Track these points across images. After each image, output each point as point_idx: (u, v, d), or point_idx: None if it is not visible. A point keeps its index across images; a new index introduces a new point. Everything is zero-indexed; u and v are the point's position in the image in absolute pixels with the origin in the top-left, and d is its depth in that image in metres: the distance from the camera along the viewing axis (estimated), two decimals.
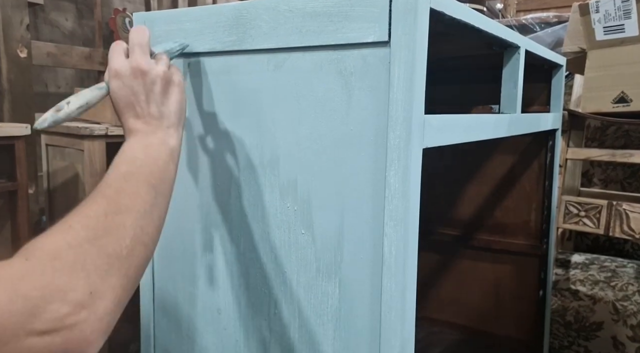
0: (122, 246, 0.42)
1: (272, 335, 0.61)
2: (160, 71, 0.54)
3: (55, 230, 0.41)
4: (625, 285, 1.30)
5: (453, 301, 1.29)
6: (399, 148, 0.49)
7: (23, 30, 1.79)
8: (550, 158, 1.12)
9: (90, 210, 0.43)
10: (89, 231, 0.41)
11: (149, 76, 0.53)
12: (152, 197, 0.48)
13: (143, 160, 0.50)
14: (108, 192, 0.46)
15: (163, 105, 0.54)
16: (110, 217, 0.43)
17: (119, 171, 0.49)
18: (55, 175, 1.80)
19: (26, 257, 0.37)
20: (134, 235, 0.44)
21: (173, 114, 0.54)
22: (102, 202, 0.45)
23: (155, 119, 0.53)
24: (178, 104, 0.55)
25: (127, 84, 0.53)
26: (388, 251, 0.51)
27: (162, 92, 0.54)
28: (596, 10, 1.18)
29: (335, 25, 0.52)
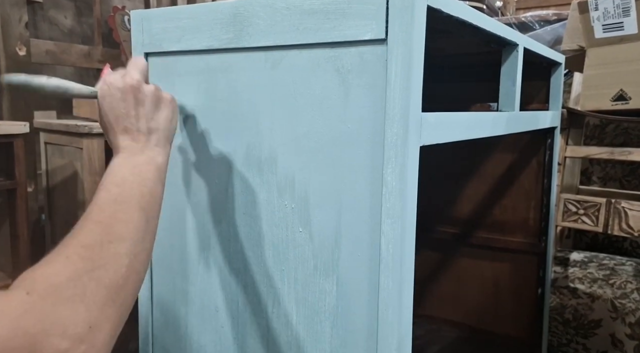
0: (119, 276, 0.43)
1: (270, 332, 0.61)
2: (151, 88, 0.55)
3: (53, 260, 0.41)
4: (623, 283, 1.30)
5: (452, 299, 1.29)
6: (396, 146, 0.49)
7: (22, 28, 1.79)
8: (549, 156, 1.12)
9: (86, 239, 0.44)
10: (86, 262, 0.41)
11: (140, 91, 0.54)
12: (144, 222, 0.48)
13: (132, 182, 0.50)
14: (102, 218, 0.46)
15: (152, 121, 0.54)
16: (106, 247, 0.43)
17: (110, 194, 0.49)
18: (54, 173, 1.80)
19: (27, 291, 0.37)
20: (129, 264, 0.44)
21: (162, 130, 0.55)
22: (97, 230, 0.45)
23: (144, 135, 0.54)
24: (167, 121, 0.56)
25: (119, 96, 0.53)
26: (385, 249, 0.51)
27: (152, 108, 0.55)
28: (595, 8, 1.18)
29: (333, 22, 0.52)
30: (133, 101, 0.54)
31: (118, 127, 0.54)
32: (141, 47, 0.68)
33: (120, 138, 0.54)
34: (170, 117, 0.56)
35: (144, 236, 0.47)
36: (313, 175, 0.56)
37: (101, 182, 0.51)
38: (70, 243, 0.43)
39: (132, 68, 0.56)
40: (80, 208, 1.67)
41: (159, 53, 0.67)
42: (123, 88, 0.54)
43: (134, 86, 0.54)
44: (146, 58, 0.68)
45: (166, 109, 0.56)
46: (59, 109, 2.02)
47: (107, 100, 0.54)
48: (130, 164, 0.52)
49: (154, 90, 0.55)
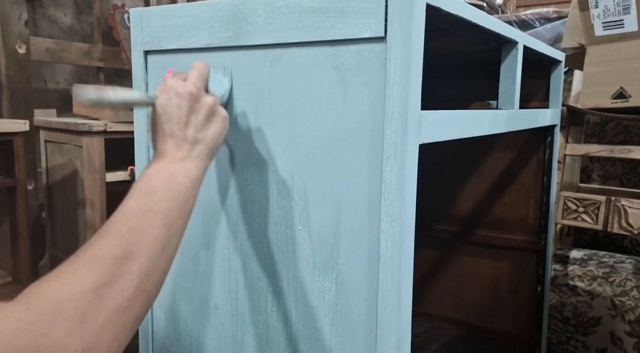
0: (124, 297, 0.41)
1: (269, 330, 0.61)
2: (209, 100, 0.54)
3: (62, 273, 0.40)
4: (623, 280, 1.30)
5: (451, 297, 1.29)
6: (395, 144, 0.49)
7: (21, 26, 1.79)
8: (549, 154, 1.12)
9: (99, 252, 0.42)
10: (94, 278, 0.40)
11: (198, 101, 0.53)
12: (164, 239, 0.46)
13: (163, 194, 0.49)
14: (121, 229, 0.45)
15: (200, 133, 0.53)
16: (118, 263, 0.42)
17: (138, 202, 0.47)
18: (54, 171, 1.80)
19: (27, 306, 0.36)
20: (138, 284, 0.42)
21: (207, 144, 0.54)
22: (112, 242, 0.43)
23: (189, 144, 0.53)
24: (215, 136, 0.55)
25: (176, 100, 0.53)
26: (384, 246, 0.51)
27: (204, 120, 0.54)
28: (595, 5, 1.18)
29: (332, 20, 0.52)
30: (187, 108, 0.53)
31: (165, 131, 0.53)
32: (140, 45, 0.68)
33: (164, 142, 0.52)
34: (219, 133, 0.55)
35: (160, 254, 0.45)
36: (312, 174, 0.56)
37: (135, 184, 0.50)
38: (83, 255, 0.42)
39: (195, 75, 0.55)
40: (80, 206, 1.67)
41: (158, 51, 0.67)
42: (182, 94, 0.53)
43: (192, 94, 0.53)
44: (145, 56, 0.68)
45: (217, 124, 0.55)
46: (58, 107, 2.02)
47: (163, 103, 0.53)
48: (166, 173, 0.50)
49: (212, 103, 0.54)
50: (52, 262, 1.85)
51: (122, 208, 0.47)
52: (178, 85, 0.53)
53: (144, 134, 0.69)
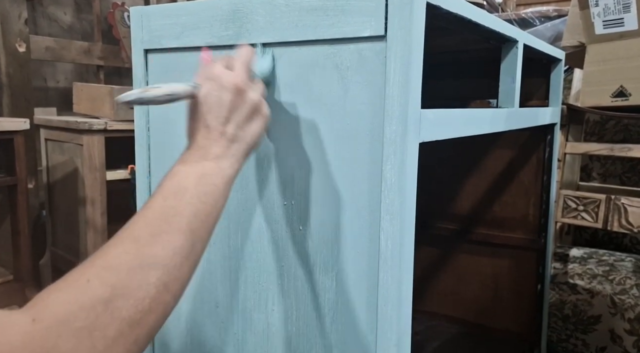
0: (138, 309, 0.38)
1: (270, 328, 0.61)
2: (255, 97, 0.51)
3: (73, 282, 0.38)
4: (623, 279, 1.30)
5: (452, 295, 1.29)
6: (395, 142, 0.49)
7: (21, 25, 1.79)
8: (549, 152, 1.12)
9: (115, 259, 0.39)
10: (106, 288, 0.37)
11: (242, 96, 0.50)
12: (188, 247, 0.43)
13: (192, 195, 0.45)
14: (142, 234, 0.41)
15: (241, 130, 0.50)
16: (133, 272, 0.39)
17: (164, 203, 0.44)
18: (55, 170, 1.81)
19: (33, 318, 0.34)
20: (155, 295, 0.39)
21: (246, 143, 0.51)
22: (130, 249, 0.40)
23: (227, 140, 0.49)
24: (255, 136, 0.51)
25: (219, 93, 0.49)
26: (384, 245, 0.51)
27: (247, 117, 0.50)
28: (596, 4, 1.18)
29: (332, 19, 0.52)
30: (231, 103, 0.49)
31: (203, 122, 0.49)
32: (140, 43, 0.68)
33: (201, 135, 0.49)
34: (259, 132, 0.52)
35: (182, 263, 0.42)
36: (312, 172, 0.56)
37: (165, 180, 0.46)
38: (97, 262, 0.39)
39: (241, 65, 0.51)
40: (80, 204, 1.67)
41: (158, 49, 0.67)
42: (226, 86, 0.49)
43: (239, 88, 0.49)
44: (145, 55, 0.68)
45: (259, 123, 0.52)
46: (58, 106, 2.02)
47: (205, 93, 0.49)
48: (199, 171, 0.47)
49: (257, 100, 0.51)
50: (53, 260, 1.85)
51: (146, 209, 0.44)
52: (223, 76, 0.49)
53: (144, 132, 0.69)
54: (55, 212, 1.83)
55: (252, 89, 0.51)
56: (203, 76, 0.51)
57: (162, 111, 0.68)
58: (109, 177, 1.64)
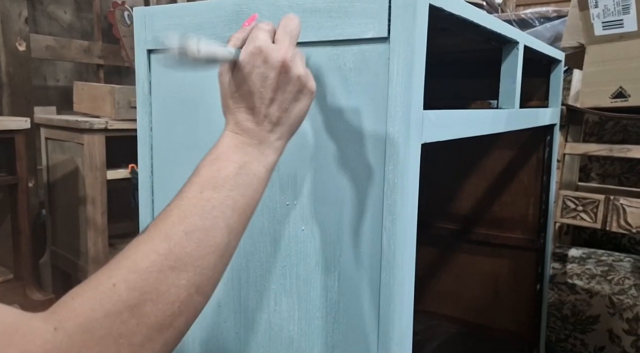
0: (167, 314, 0.35)
1: (272, 328, 0.62)
2: (301, 71, 0.45)
3: (98, 286, 0.35)
4: (621, 279, 1.31)
5: (451, 294, 1.30)
6: (397, 143, 0.50)
7: (21, 24, 1.79)
8: (549, 153, 1.13)
9: (143, 261, 0.36)
10: (133, 293, 0.34)
11: (289, 73, 0.44)
12: (223, 245, 0.40)
13: (232, 187, 0.41)
14: (174, 233, 0.38)
15: (285, 112, 0.45)
16: (163, 274, 0.36)
17: (201, 197, 0.40)
18: (55, 169, 1.81)
19: (55, 326, 0.32)
20: (186, 298, 0.36)
21: (289, 125, 0.46)
22: (160, 249, 0.37)
23: (270, 124, 0.45)
24: (299, 117, 0.47)
25: (264, 69, 0.43)
26: (387, 245, 0.52)
27: (292, 96, 0.45)
28: (595, 5, 1.18)
29: (335, 21, 0.52)
30: (276, 81, 0.44)
31: (246, 103, 0.44)
32: (143, 43, 0.68)
33: (243, 116, 0.44)
34: (304, 112, 0.47)
35: (216, 262, 0.39)
36: (315, 172, 0.56)
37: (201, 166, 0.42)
38: (124, 263, 0.36)
39: (287, 37, 0.45)
40: (81, 203, 1.67)
41: (161, 50, 0.67)
42: (272, 62, 0.43)
43: (285, 63, 0.44)
44: (148, 55, 0.68)
45: (304, 102, 0.46)
46: (58, 105, 2.02)
47: (248, 69, 0.43)
48: (240, 159, 0.43)
49: (304, 75, 0.45)
50: (53, 259, 1.85)
51: (180, 200, 0.40)
52: (269, 50, 0.43)
53: (147, 132, 0.70)
54: (56, 211, 1.83)
55: (298, 63, 0.45)
56: (247, 48, 0.44)
57: (165, 111, 0.68)
58: (110, 176, 1.64)
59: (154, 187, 0.70)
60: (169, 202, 0.40)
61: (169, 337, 0.36)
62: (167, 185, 0.69)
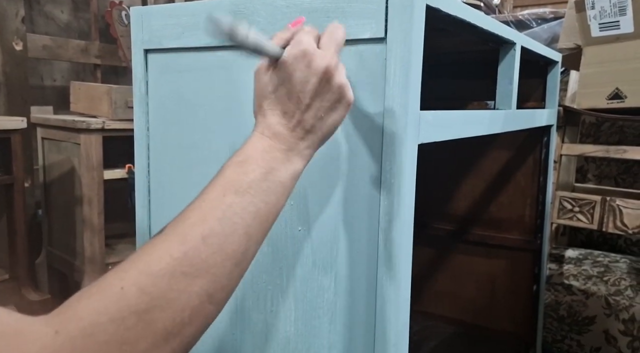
0: (176, 321, 0.34)
1: (268, 328, 0.61)
2: (342, 81, 0.44)
3: (105, 288, 0.33)
4: (617, 280, 1.31)
5: (448, 295, 1.30)
6: (394, 143, 0.50)
7: (18, 23, 1.78)
8: (545, 154, 1.13)
9: (156, 264, 0.34)
10: (142, 298, 0.33)
11: (330, 81, 0.43)
12: (242, 252, 0.38)
13: (256, 193, 0.40)
14: (191, 236, 0.36)
15: (320, 120, 0.44)
16: (175, 280, 0.34)
17: (224, 201, 0.38)
18: (51, 169, 1.80)
19: (56, 329, 0.31)
20: (197, 306, 0.35)
21: (322, 134, 0.45)
22: (175, 252, 0.35)
23: (303, 130, 0.43)
24: (333, 127, 0.46)
25: (306, 74, 0.42)
26: (383, 245, 0.52)
27: (330, 105, 0.44)
28: (592, 6, 1.19)
29: (332, 21, 0.52)
30: (316, 87, 0.43)
31: (282, 106, 0.43)
32: (141, 43, 0.68)
33: (276, 120, 0.43)
34: (338, 123, 0.46)
35: (232, 270, 0.37)
36: (312, 173, 0.56)
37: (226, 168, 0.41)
38: (136, 266, 0.34)
39: (332, 44, 0.44)
40: (77, 203, 1.67)
41: (158, 50, 0.67)
42: (315, 67, 0.42)
43: (328, 71, 0.43)
44: (145, 55, 0.68)
45: (340, 113, 0.45)
46: (55, 104, 2.01)
47: (289, 70, 0.42)
48: (267, 164, 0.41)
49: (344, 85, 0.44)
50: (49, 259, 1.85)
51: (201, 202, 0.38)
52: (314, 55, 0.42)
53: (144, 132, 0.70)
54: (52, 212, 1.83)
55: (340, 72, 0.44)
56: (287, 39, 0.44)
57: (162, 112, 0.68)
58: (106, 176, 1.64)
59: (151, 187, 0.70)
60: (190, 202, 0.39)
61: (177, 346, 0.34)
62: (164, 185, 0.69)
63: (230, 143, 0.62)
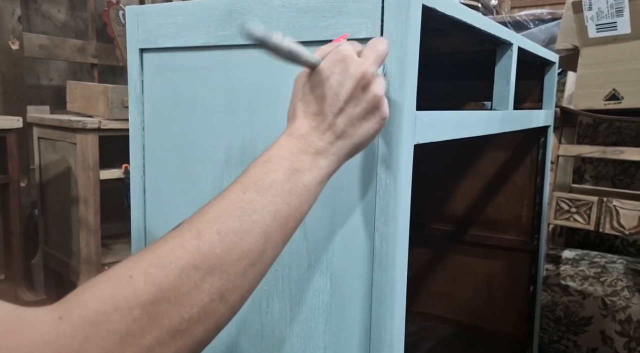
0: (184, 317, 0.32)
1: (264, 329, 0.61)
2: (379, 91, 0.44)
3: (114, 277, 0.32)
4: (614, 280, 1.32)
5: (445, 296, 1.30)
6: (390, 144, 0.50)
7: (15, 22, 1.78)
8: (542, 154, 1.13)
9: (167, 256, 0.33)
10: (149, 288, 0.32)
11: (366, 89, 0.43)
12: (258, 251, 0.37)
13: (277, 193, 0.39)
14: (207, 231, 0.35)
15: (352, 127, 0.43)
16: (186, 273, 0.33)
17: (244, 198, 0.38)
18: (47, 169, 1.80)
19: (60, 315, 0.30)
20: (207, 304, 0.34)
21: (352, 142, 0.44)
22: (189, 246, 0.34)
23: (333, 134, 0.43)
24: (366, 138, 0.45)
25: (342, 77, 0.42)
26: (379, 246, 0.51)
27: (363, 113, 0.44)
28: (589, 7, 1.19)
29: (328, 20, 0.52)
30: (350, 92, 0.43)
31: (314, 107, 0.43)
32: (136, 43, 0.68)
33: (308, 121, 0.43)
34: (371, 134, 0.45)
35: (246, 270, 0.36)
36: None
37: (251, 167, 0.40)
38: (147, 256, 0.34)
39: (373, 54, 0.44)
40: (73, 203, 1.66)
41: (154, 49, 0.67)
42: (352, 72, 0.42)
43: (365, 77, 0.43)
44: (141, 54, 0.68)
45: (374, 124, 0.45)
46: (52, 104, 2.01)
47: (326, 73, 0.43)
48: (292, 164, 0.41)
49: (380, 96, 0.44)
50: (45, 259, 1.84)
51: (221, 199, 0.38)
52: (352, 60, 0.43)
53: (139, 132, 0.69)
54: (48, 211, 1.82)
55: (378, 83, 0.44)
56: (328, 52, 0.44)
57: (157, 111, 0.68)
58: (103, 176, 1.63)
59: (146, 188, 0.70)
60: (211, 199, 0.38)
61: (183, 345, 0.32)
62: (159, 185, 0.69)
63: (227, 143, 0.62)
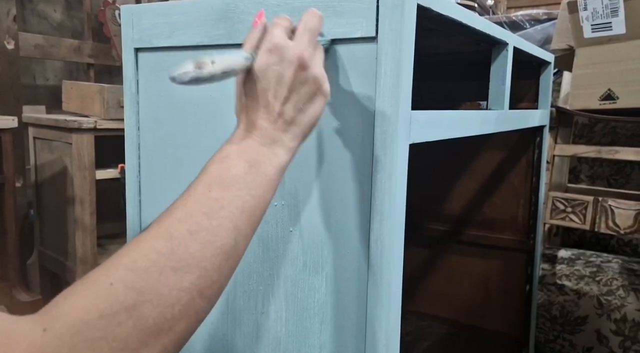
0: (167, 317, 0.33)
1: (260, 329, 0.61)
2: (318, 71, 0.44)
3: (92, 284, 0.33)
4: (609, 280, 1.32)
5: (441, 295, 1.30)
6: (385, 143, 0.50)
7: (10, 22, 1.77)
8: (538, 154, 1.13)
9: (143, 260, 0.34)
10: (130, 294, 0.32)
11: (305, 72, 0.43)
12: (231, 246, 0.38)
13: (241, 186, 0.40)
14: (178, 232, 0.36)
15: (300, 112, 0.44)
16: (164, 275, 0.34)
17: (209, 196, 0.38)
18: (43, 169, 1.79)
19: (44, 326, 0.30)
20: (187, 302, 0.34)
21: (304, 126, 0.45)
22: (162, 248, 0.35)
23: (284, 123, 0.44)
24: (314, 118, 0.46)
25: (280, 67, 0.43)
26: (374, 245, 0.51)
27: (307, 96, 0.44)
28: (584, 7, 1.19)
29: (323, 20, 0.52)
30: (292, 79, 0.43)
31: (261, 101, 0.43)
32: (131, 42, 0.67)
33: (258, 115, 0.43)
34: (318, 114, 0.46)
35: (222, 265, 0.37)
36: (303, 173, 0.56)
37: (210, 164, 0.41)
38: (123, 262, 0.34)
39: (306, 34, 0.44)
40: (69, 203, 1.66)
41: (149, 48, 0.66)
42: (289, 58, 0.42)
43: (301, 62, 0.43)
44: (136, 53, 0.68)
45: (319, 103, 0.45)
46: (48, 104, 2.00)
47: (263, 66, 0.43)
48: (251, 157, 0.42)
49: (320, 75, 0.44)
50: (41, 260, 1.83)
51: (186, 198, 0.38)
52: (285, 48, 0.43)
53: (134, 131, 0.69)
54: (44, 212, 1.81)
55: (316, 63, 0.45)
56: (260, 43, 0.44)
57: (153, 110, 0.67)
58: (99, 176, 1.63)
59: (142, 187, 0.70)
60: (175, 200, 0.39)
61: (168, 343, 0.33)
62: (155, 185, 0.69)
63: (221, 142, 0.62)
